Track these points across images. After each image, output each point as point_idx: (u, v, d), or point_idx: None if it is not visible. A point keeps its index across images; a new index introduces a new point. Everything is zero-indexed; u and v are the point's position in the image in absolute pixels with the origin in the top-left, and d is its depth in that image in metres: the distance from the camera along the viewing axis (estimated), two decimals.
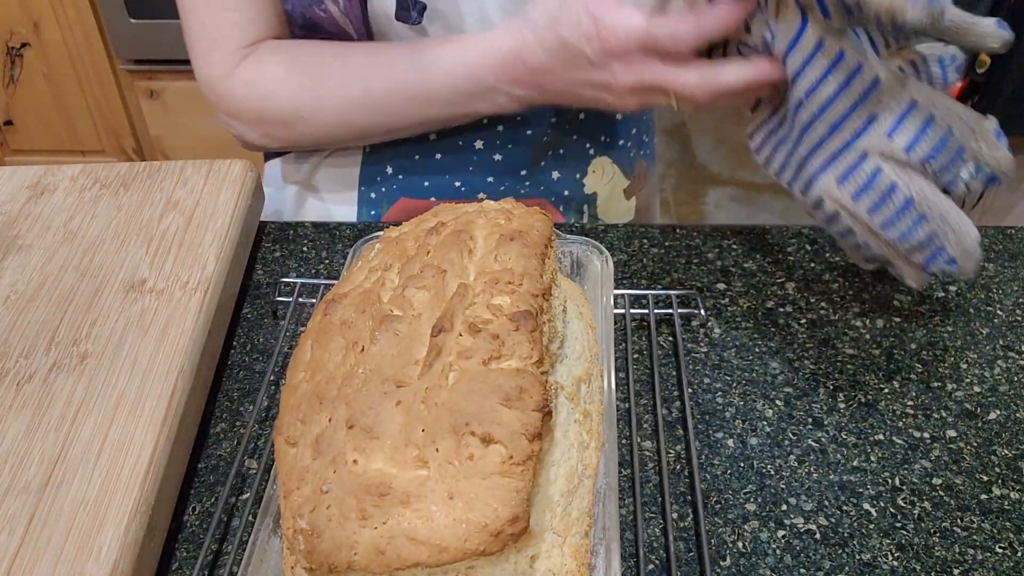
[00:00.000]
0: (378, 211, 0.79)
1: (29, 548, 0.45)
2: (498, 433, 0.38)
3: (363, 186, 0.78)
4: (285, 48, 0.70)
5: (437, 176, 0.77)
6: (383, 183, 0.78)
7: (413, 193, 0.77)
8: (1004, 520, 0.51)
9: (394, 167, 0.77)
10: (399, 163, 0.76)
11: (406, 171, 0.77)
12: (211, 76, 0.70)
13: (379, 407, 0.40)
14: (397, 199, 0.78)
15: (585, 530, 0.42)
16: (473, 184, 0.77)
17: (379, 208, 0.79)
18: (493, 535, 0.36)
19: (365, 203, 0.79)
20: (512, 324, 0.42)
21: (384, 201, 0.78)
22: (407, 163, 0.76)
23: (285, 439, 0.43)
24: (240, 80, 0.69)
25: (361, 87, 0.67)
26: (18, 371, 0.55)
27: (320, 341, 0.47)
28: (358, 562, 0.37)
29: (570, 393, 0.46)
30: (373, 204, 0.78)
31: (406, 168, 0.77)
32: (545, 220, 0.51)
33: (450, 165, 0.76)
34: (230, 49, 0.69)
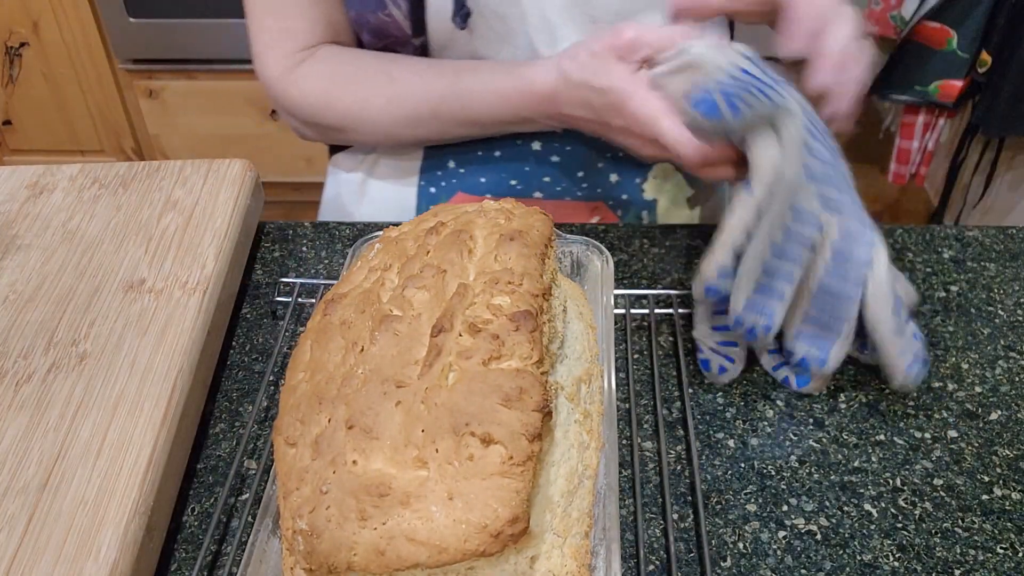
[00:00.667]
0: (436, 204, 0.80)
1: (28, 548, 0.45)
2: (498, 433, 0.38)
3: (423, 180, 0.80)
4: (337, 59, 0.73)
5: (495, 173, 0.78)
6: (443, 177, 0.79)
7: (471, 189, 0.79)
8: (1005, 521, 0.51)
9: (456, 161, 0.78)
10: (461, 158, 0.78)
11: (467, 166, 0.78)
12: (268, 75, 0.74)
13: (379, 407, 0.40)
14: (455, 193, 0.79)
15: (585, 531, 0.42)
16: (529, 183, 0.78)
17: (437, 202, 0.80)
18: (493, 536, 0.36)
19: (424, 197, 0.80)
20: (512, 324, 0.42)
21: (442, 195, 0.79)
22: (468, 159, 0.78)
23: (284, 439, 0.43)
24: (294, 85, 0.73)
25: (406, 108, 0.71)
26: (17, 371, 0.54)
27: (320, 341, 0.46)
28: (358, 563, 0.37)
29: (570, 393, 0.46)
30: (432, 198, 0.80)
31: (467, 163, 0.78)
32: (545, 220, 0.51)
33: (508, 164, 0.77)
34: (287, 51, 0.72)
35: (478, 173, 0.78)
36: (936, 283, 0.66)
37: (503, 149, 0.77)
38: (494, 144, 0.77)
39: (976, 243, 0.70)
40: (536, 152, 0.76)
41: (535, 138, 0.76)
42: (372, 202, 0.83)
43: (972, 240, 0.70)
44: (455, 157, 0.78)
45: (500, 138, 0.76)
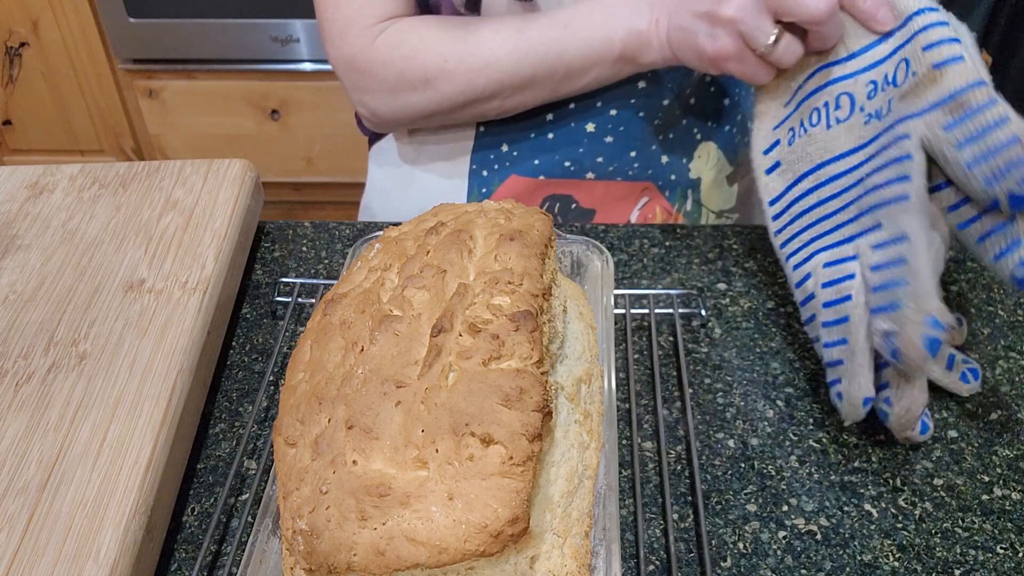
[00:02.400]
0: (489, 188, 0.81)
1: (28, 548, 0.45)
2: (498, 434, 0.38)
3: (474, 164, 0.80)
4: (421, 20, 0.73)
5: (548, 155, 0.79)
6: (496, 160, 0.80)
7: (524, 171, 0.79)
8: (1005, 521, 0.51)
9: (509, 144, 0.79)
10: (514, 141, 0.79)
11: (520, 149, 0.79)
12: (349, 55, 0.73)
13: (379, 407, 0.40)
14: (508, 176, 0.80)
15: (585, 531, 0.42)
16: (582, 164, 0.79)
17: (490, 186, 0.81)
18: (493, 536, 0.36)
19: (476, 180, 0.81)
20: (512, 324, 0.42)
21: (495, 178, 0.80)
22: (521, 141, 0.78)
23: (284, 439, 0.43)
24: (384, 45, 0.72)
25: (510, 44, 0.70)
26: (16, 371, 0.54)
27: (319, 341, 0.46)
28: (357, 563, 0.37)
29: (570, 393, 0.46)
30: (484, 182, 0.81)
31: (520, 146, 0.79)
32: (545, 220, 0.51)
33: (561, 145, 0.78)
34: (367, 24, 0.73)
35: (532, 156, 0.79)
36: None
37: (556, 132, 0.78)
38: (547, 127, 0.78)
39: None
40: (590, 133, 0.77)
41: (589, 119, 0.77)
42: (421, 188, 0.84)
43: None
44: (508, 140, 0.79)
45: (554, 121, 0.77)
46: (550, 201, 0.81)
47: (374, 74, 0.73)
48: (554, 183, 0.80)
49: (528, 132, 0.78)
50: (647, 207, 0.82)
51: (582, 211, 0.81)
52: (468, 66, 0.71)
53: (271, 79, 1.80)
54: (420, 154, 0.83)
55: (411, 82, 0.73)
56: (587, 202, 0.81)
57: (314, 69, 1.77)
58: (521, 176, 0.80)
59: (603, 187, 0.80)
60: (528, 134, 0.78)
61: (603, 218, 0.81)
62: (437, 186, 0.83)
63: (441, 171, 0.83)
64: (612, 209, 0.81)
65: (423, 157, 0.83)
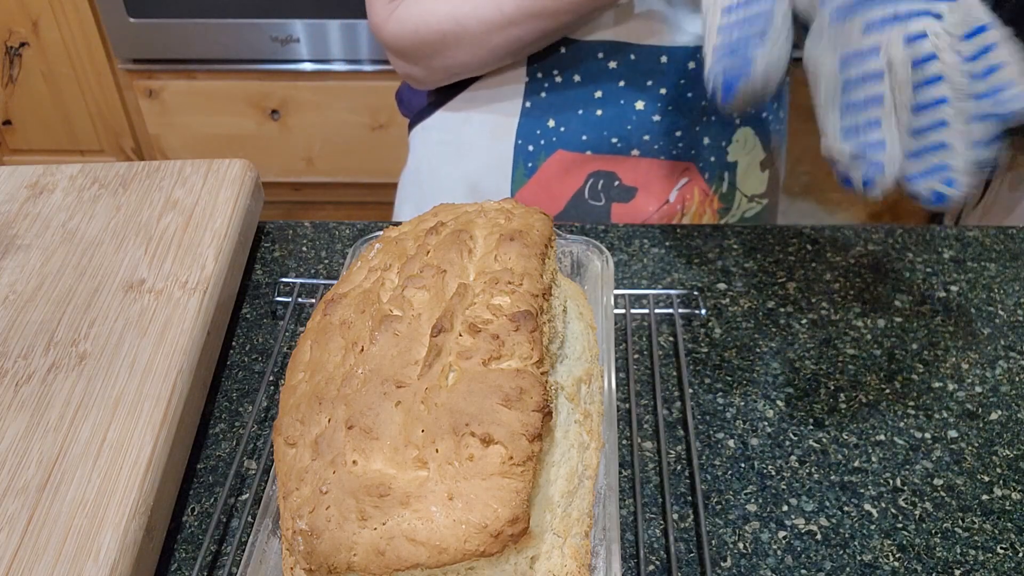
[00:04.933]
0: (535, 163, 0.82)
1: (28, 548, 0.45)
2: (498, 434, 0.38)
3: (520, 139, 0.81)
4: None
5: (595, 131, 0.80)
6: (543, 136, 0.81)
7: (571, 146, 0.80)
8: (1005, 521, 0.51)
9: (557, 120, 0.80)
10: (561, 117, 0.79)
11: (568, 124, 0.80)
12: (376, 23, 0.80)
13: (379, 407, 0.40)
14: (555, 151, 0.81)
15: (585, 531, 0.42)
16: (629, 141, 0.80)
17: (536, 160, 0.82)
18: (493, 536, 0.36)
19: (522, 155, 0.82)
20: (512, 324, 0.42)
21: (542, 153, 0.81)
22: (570, 118, 0.79)
23: (284, 439, 0.43)
24: (395, 20, 0.78)
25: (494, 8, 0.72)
26: (16, 371, 0.54)
27: (319, 341, 0.46)
28: (357, 563, 0.37)
29: (570, 393, 0.46)
30: (530, 156, 0.82)
31: (568, 121, 0.79)
32: (545, 220, 0.51)
33: (610, 122, 0.79)
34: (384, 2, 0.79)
35: (580, 131, 0.80)
36: (936, 283, 0.66)
37: (606, 108, 0.79)
38: (597, 103, 0.79)
39: (976, 243, 0.70)
40: (639, 111, 0.78)
41: (640, 97, 0.78)
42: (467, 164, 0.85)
43: (972, 240, 0.70)
44: (556, 115, 0.80)
45: (603, 98, 0.78)
46: (594, 178, 0.82)
47: (397, 43, 0.78)
48: (600, 159, 0.81)
49: (576, 108, 0.79)
50: (686, 188, 0.83)
51: (624, 188, 0.82)
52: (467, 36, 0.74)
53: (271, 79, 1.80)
54: (466, 130, 0.84)
55: (425, 52, 0.77)
56: (630, 179, 0.82)
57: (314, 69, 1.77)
58: (568, 151, 0.81)
59: (647, 164, 0.81)
60: (576, 110, 0.79)
61: (644, 197, 0.82)
62: (483, 161, 0.84)
63: (487, 147, 0.84)
64: (653, 188, 0.82)
65: (469, 133, 0.84)
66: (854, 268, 0.68)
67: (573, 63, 0.77)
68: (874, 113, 0.47)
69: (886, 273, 0.67)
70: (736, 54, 0.50)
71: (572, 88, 0.78)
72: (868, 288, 0.66)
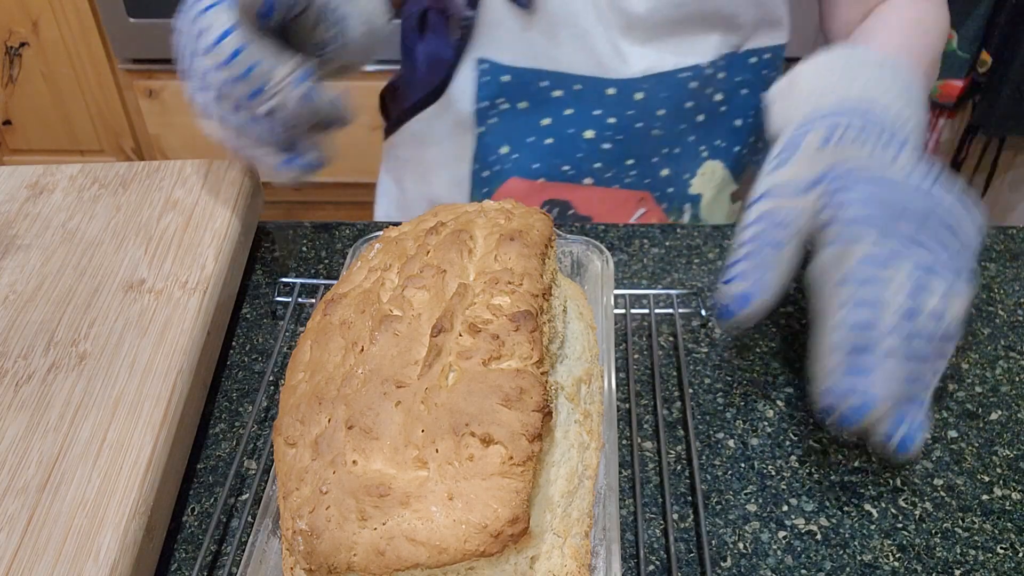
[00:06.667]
0: (491, 188, 0.82)
1: (28, 549, 0.45)
2: (498, 434, 0.38)
3: (476, 163, 0.82)
4: None
5: (547, 159, 0.80)
6: (497, 162, 0.81)
7: (524, 173, 0.81)
8: (1006, 521, 0.51)
9: (510, 146, 0.80)
10: (514, 143, 0.80)
11: (520, 151, 0.80)
12: None
13: (379, 407, 0.40)
14: (509, 178, 0.81)
15: (585, 531, 0.42)
16: (581, 169, 0.80)
17: (491, 186, 0.82)
18: (493, 536, 0.36)
19: (478, 181, 0.82)
20: (512, 324, 0.42)
21: (497, 179, 0.81)
22: (521, 143, 0.79)
23: (284, 439, 0.43)
24: None
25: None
26: (16, 371, 0.54)
27: (319, 341, 0.46)
28: (357, 563, 0.37)
29: (570, 393, 0.46)
30: (486, 182, 0.82)
31: (520, 148, 0.80)
32: (545, 220, 0.51)
33: (560, 150, 0.79)
34: None
35: (531, 159, 0.80)
36: None
37: (555, 136, 0.79)
38: (545, 131, 0.79)
39: None
40: (589, 140, 0.78)
41: (588, 126, 0.78)
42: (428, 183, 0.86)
43: None
44: (509, 143, 0.80)
45: (551, 126, 0.78)
46: (548, 206, 0.82)
47: None
48: (553, 187, 0.80)
49: (526, 136, 0.79)
50: (643, 218, 0.83)
51: (579, 217, 0.82)
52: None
53: None
54: (428, 151, 0.84)
55: None
56: (584, 209, 0.81)
57: None
58: (521, 179, 0.81)
59: (600, 194, 0.81)
60: (526, 138, 0.79)
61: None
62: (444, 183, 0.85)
63: (448, 169, 0.84)
64: (608, 218, 0.82)
65: (431, 154, 0.84)
66: None
67: (518, 90, 0.77)
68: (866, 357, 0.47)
69: None
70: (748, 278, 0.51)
71: (521, 116, 0.78)
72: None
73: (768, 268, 0.51)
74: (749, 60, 0.79)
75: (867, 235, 0.48)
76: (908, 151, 0.53)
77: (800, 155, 0.54)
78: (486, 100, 0.78)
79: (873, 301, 0.47)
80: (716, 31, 0.76)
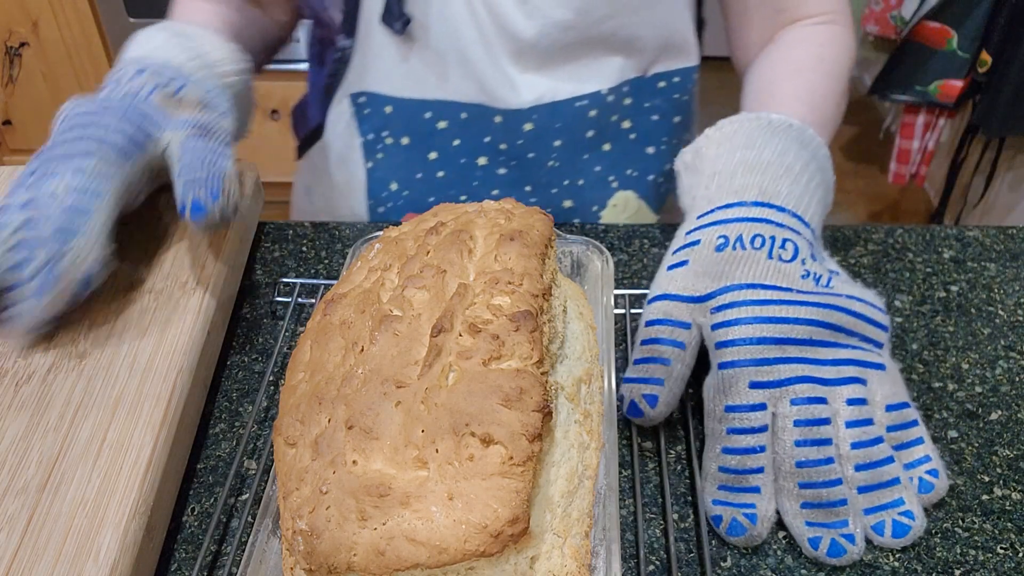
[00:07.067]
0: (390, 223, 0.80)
1: (28, 549, 0.45)
2: (498, 434, 0.38)
3: (371, 199, 0.79)
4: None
5: (441, 192, 0.77)
6: (389, 199, 0.79)
7: (420, 209, 0.78)
8: (1005, 521, 0.51)
9: (399, 183, 0.78)
10: (403, 180, 0.77)
11: (411, 187, 0.78)
12: None
13: (378, 407, 0.40)
14: (404, 214, 0.79)
15: (585, 531, 0.42)
16: (479, 197, 0.77)
17: (389, 220, 0.79)
18: (493, 536, 0.36)
19: (374, 217, 0.80)
20: (512, 324, 0.42)
21: (392, 215, 0.79)
22: (411, 180, 0.77)
23: (284, 439, 0.43)
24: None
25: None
26: (16, 371, 0.54)
27: (319, 341, 0.46)
28: (357, 563, 0.37)
29: (570, 393, 0.46)
30: (382, 218, 0.80)
31: (411, 184, 0.77)
32: (545, 220, 0.51)
33: (454, 182, 0.77)
34: None
35: (425, 194, 0.78)
36: (936, 283, 0.66)
37: (446, 168, 0.76)
38: (434, 165, 0.76)
39: (976, 243, 0.70)
40: (483, 166, 0.76)
41: (481, 153, 0.75)
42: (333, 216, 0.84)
43: (972, 240, 0.70)
44: (398, 180, 0.77)
45: (440, 158, 0.76)
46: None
47: None
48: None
49: (415, 172, 0.77)
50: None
51: None
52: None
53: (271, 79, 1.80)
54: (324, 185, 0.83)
55: None
56: None
57: None
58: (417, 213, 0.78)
59: None
60: (415, 174, 0.77)
61: None
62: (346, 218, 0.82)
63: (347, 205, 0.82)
64: None
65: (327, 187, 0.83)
66: (854, 268, 0.68)
67: (401, 123, 0.75)
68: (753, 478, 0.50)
69: (886, 273, 0.67)
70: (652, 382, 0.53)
71: (404, 152, 0.76)
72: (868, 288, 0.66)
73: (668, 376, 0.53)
74: (657, 84, 0.76)
75: (744, 376, 0.50)
76: (805, 250, 0.54)
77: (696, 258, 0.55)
78: (371, 133, 0.76)
79: (744, 449, 0.50)
80: (617, 55, 0.72)
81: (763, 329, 0.51)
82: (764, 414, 0.49)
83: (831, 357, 0.51)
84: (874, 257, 0.69)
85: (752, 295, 0.52)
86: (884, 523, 0.49)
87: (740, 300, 0.52)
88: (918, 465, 0.51)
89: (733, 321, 0.51)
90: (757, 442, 0.49)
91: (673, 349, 0.53)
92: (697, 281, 0.54)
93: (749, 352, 0.50)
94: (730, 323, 0.51)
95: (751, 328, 0.51)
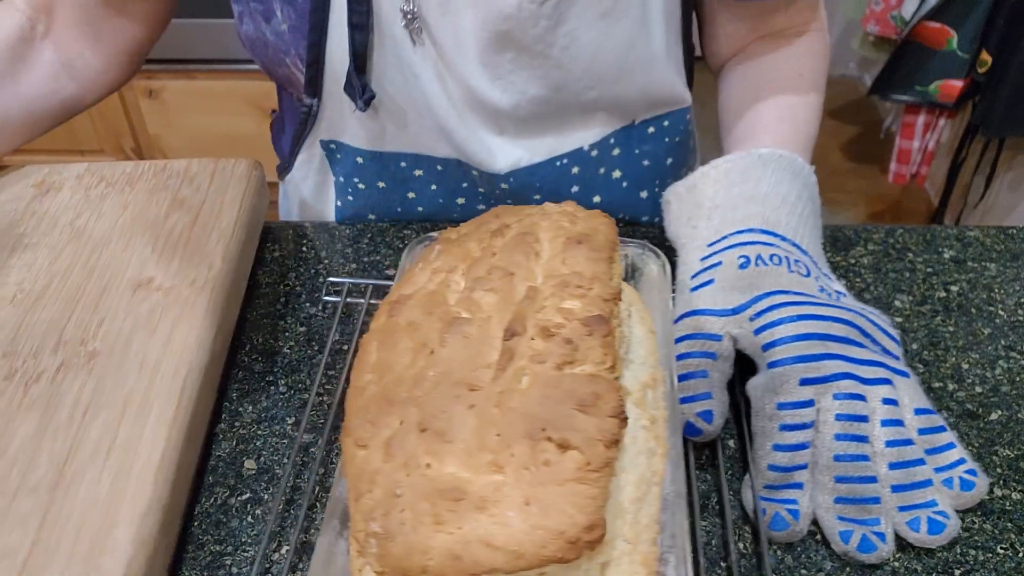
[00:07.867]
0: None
1: (41, 548, 0.45)
2: (575, 439, 0.38)
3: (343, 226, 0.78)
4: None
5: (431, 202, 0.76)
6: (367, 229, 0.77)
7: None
8: (1006, 521, 0.51)
9: (376, 215, 0.77)
10: (380, 214, 0.77)
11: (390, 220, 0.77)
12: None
13: (451, 410, 0.40)
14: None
15: (653, 538, 0.42)
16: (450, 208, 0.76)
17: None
18: (570, 542, 0.36)
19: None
20: (585, 329, 0.42)
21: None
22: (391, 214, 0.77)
23: (354, 441, 0.43)
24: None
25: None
26: (26, 371, 0.54)
27: (386, 343, 0.46)
28: (433, 567, 0.37)
29: (637, 399, 0.46)
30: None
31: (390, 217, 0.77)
32: (609, 223, 0.50)
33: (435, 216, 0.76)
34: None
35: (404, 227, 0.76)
36: (936, 283, 0.67)
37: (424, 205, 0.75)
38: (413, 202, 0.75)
39: (977, 243, 0.70)
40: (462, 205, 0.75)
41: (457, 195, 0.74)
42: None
43: (973, 240, 0.71)
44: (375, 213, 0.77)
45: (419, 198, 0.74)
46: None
47: None
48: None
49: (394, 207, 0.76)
50: None
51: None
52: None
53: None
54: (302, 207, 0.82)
55: None
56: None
57: None
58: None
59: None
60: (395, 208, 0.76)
61: None
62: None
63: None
64: None
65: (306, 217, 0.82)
66: (854, 268, 0.68)
67: (374, 172, 0.73)
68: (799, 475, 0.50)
69: (886, 273, 0.67)
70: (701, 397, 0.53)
71: (381, 193, 0.74)
72: (868, 288, 0.66)
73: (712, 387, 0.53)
74: (647, 131, 0.72)
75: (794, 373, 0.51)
76: (815, 270, 0.57)
77: (720, 276, 0.56)
78: (342, 176, 0.75)
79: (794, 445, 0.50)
80: (599, 113, 0.69)
81: (806, 326, 0.52)
82: (812, 410, 0.50)
83: (866, 358, 0.52)
84: (874, 257, 0.69)
85: (786, 299, 0.53)
86: (919, 520, 0.49)
87: (777, 303, 0.53)
88: (954, 467, 0.51)
89: (776, 322, 0.52)
90: (806, 438, 0.50)
91: (707, 360, 0.53)
92: (726, 296, 0.55)
93: (797, 349, 0.51)
94: (773, 324, 0.52)
95: (794, 326, 0.52)
